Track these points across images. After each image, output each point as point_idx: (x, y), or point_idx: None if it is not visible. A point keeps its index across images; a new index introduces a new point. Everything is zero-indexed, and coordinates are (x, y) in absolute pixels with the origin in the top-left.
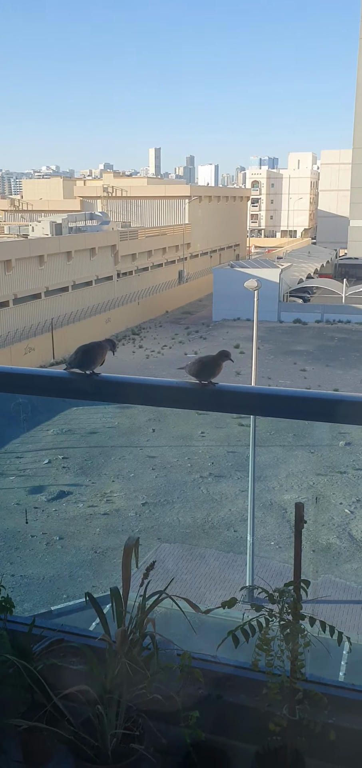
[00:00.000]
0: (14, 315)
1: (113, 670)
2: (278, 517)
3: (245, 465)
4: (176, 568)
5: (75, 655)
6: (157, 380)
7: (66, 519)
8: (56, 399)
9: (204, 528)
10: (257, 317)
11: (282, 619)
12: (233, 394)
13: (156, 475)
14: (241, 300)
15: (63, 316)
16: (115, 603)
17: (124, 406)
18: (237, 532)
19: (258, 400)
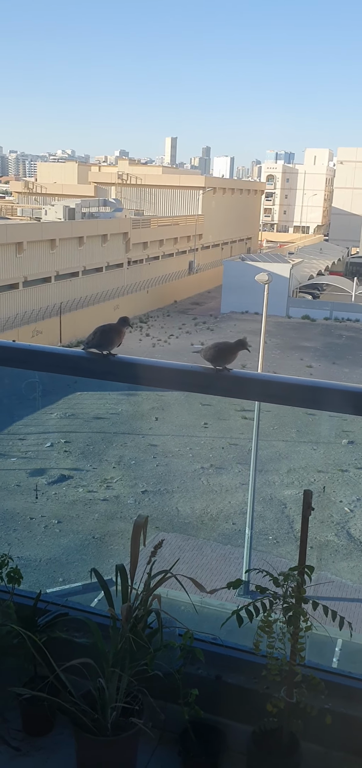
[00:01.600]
0: (23, 297)
1: (116, 645)
2: (277, 512)
3: (246, 458)
4: (173, 558)
5: (79, 629)
6: (172, 363)
7: (65, 503)
8: (68, 380)
9: (203, 519)
10: (266, 311)
11: (285, 602)
12: (249, 381)
13: (157, 463)
14: (250, 293)
15: (72, 301)
16: (121, 579)
17: (129, 393)
18: (235, 525)
19: (276, 388)
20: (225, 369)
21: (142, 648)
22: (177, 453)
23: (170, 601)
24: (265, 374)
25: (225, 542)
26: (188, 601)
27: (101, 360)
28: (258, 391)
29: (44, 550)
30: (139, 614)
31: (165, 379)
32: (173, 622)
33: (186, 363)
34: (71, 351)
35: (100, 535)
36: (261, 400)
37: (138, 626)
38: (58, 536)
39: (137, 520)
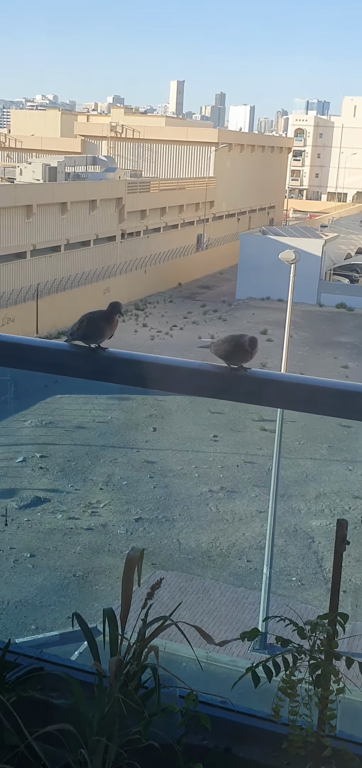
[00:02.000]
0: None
1: (103, 708)
2: (303, 547)
3: (265, 480)
4: (174, 602)
5: (57, 687)
6: (176, 360)
7: (40, 532)
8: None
9: (210, 555)
10: (292, 297)
11: (312, 658)
12: (272, 383)
13: (154, 484)
14: (273, 275)
15: (51, 282)
16: (109, 626)
17: (122, 397)
18: (250, 563)
19: (305, 392)
20: (242, 368)
21: (135, 712)
22: (179, 472)
23: (169, 655)
24: (291, 375)
25: (237, 584)
26: (191, 655)
27: (88, 355)
28: (284, 396)
29: (13, 591)
30: (132, 670)
31: (166, 380)
32: (173, 680)
33: (194, 360)
34: (50, 343)
35: (82, 573)
36: (286, 407)
37: (130, 685)
38: (30, 573)
39: (130, 554)
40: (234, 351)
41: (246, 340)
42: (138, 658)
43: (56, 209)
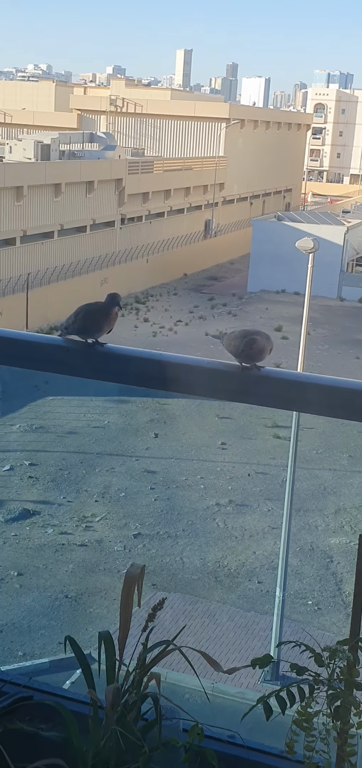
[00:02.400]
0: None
1: (98, 741)
2: (320, 567)
3: (279, 493)
4: (176, 626)
5: (47, 718)
6: (182, 357)
7: (29, 548)
8: (36, 379)
9: (217, 575)
10: (310, 291)
11: (331, 688)
12: (289, 383)
13: (155, 497)
14: (289, 266)
15: (43, 272)
16: (106, 651)
17: (119, 400)
18: (262, 585)
19: (325, 393)
20: (255, 367)
21: (134, 746)
22: (183, 483)
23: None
24: (309, 375)
25: (247, 608)
26: (196, 686)
27: (84, 351)
28: (301, 398)
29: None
30: (130, 700)
31: (170, 380)
32: (176, 712)
33: (201, 357)
34: (41, 337)
35: (75, 594)
36: (303, 410)
37: (128, 716)
38: (17, 594)
39: (130, 571)
40: (246, 348)
41: (260, 337)
42: (137, 687)
43: (49, 191)
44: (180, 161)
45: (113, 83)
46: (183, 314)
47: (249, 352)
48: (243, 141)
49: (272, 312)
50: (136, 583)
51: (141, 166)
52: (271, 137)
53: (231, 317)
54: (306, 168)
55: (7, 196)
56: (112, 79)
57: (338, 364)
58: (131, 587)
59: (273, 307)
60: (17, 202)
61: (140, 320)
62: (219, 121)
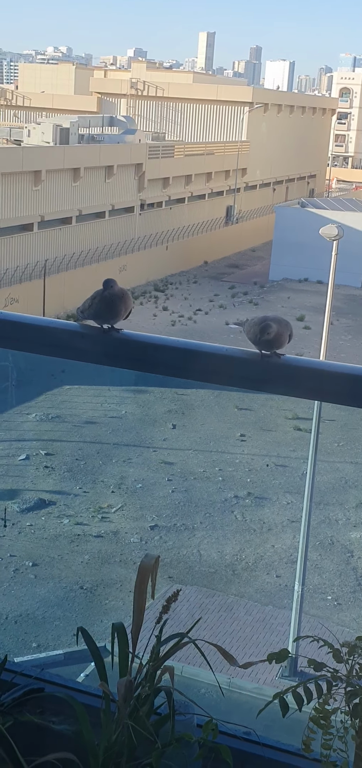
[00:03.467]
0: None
1: (110, 735)
2: (340, 562)
3: (299, 485)
4: (192, 620)
5: (58, 711)
6: (202, 344)
7: (44, 539)
8: (52, 368)
9: (234, 568)
10: (334, 279)
11: (349, 685)
12: (312, 372)
13: (173, 488)
14: (312, 254)
15: (61, 258)
16: (119, 643)
17: (136, 389)
18: (280, 579)
19: (349, 382)
20: (275, 354)
21: (146, 741)
22: (201, 475)
23: (187, 680)
24: (332, 363)
25: (265, 602)
26: (211, 681)
27: (99, 337)
28: (322, 387)
29: (13, 603)
30: (143, 693)
31: (188, 367)
32: (190, 707)
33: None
34: (56, 322)
35: (90, 585)
36: (323, 399)
37: (141, 710)
38: (32, 584)
39: (144, 561)
40: (263, 334)
41: (278, 323)
42: (151, 680)
43: (68, 176)
44: (201, 146)
45: (134, 66)
46: (203, 303)
47: (267, 339)
48: (267, 125)
49: (294, 301)
50: (150, 574)
51: (161, 151)
52: (295, 122)
53: (252, 306)
54: (330, 153)
55: (25, 181)
56: (132, 62)
57: (361, 355)
58: (145, 578)
59: (296, 296)
60: (35, 186)
61: (159, 309)
62: (242, 105)
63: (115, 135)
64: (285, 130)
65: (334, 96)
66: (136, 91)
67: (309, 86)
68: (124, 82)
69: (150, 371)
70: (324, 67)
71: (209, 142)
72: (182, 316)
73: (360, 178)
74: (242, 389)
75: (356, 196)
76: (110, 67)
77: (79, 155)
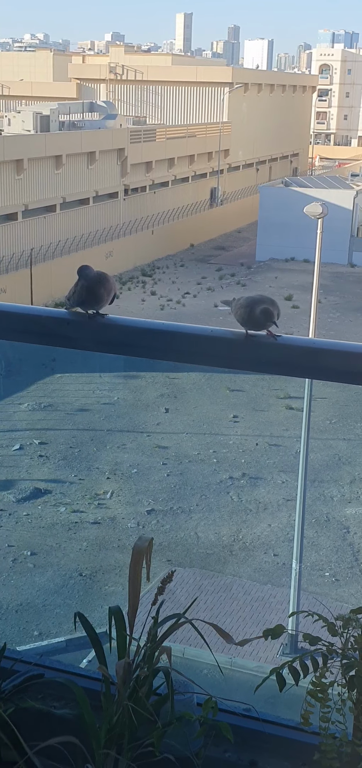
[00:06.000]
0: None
1: (111, 718)
2: (336, 538)
3: (293, 464)
4: (190, 601)
5: (59, 696)
6: (185, 326)
7: (41, 528)
8: (43, 358)
9: (232, 549)
10: (320, 258)
11: (345, 657)
12: (299, 349)
13: (168, 472)
14: (298, 233)
15: (47, 247)
16: (117, 627)
17: (128, 375)
18: (278, 557)
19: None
20: (270, 335)
21: (147, 721)
22: (195, 458)
23: (190, 661)
24: (321, 340)
25: (263, 581)
26: (213, 661)
27: (85, 323)
28: (312, 365)
29: (12, 593)
30: (142, 675)
31: (174, 350)
32: (189, 686)
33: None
34: (41, 310)
35: (89, 572)
36: (314, 377)
37: (140, 691)
38: (31, 573)
39: (138, 544)
40: (251, 316)
41: (264, 303)
42: (149, 661)
43: (50, 163)
44: (183, 128)
45: (112, 50)
46: (190, 286)
47: (253, 318)
48: (248, 105)
49: (282, 281)
50: (145, 555)
51: (143, 135)
52: (276, 101)
53: (240, 287)
54: (312, 131)
55: (8, 170)
56: (110, 47)
57: (350, 332)
58: (139, 560)
59: (283, 275)
60: (17, 175)
61: (147, 293)
62: (222, 85)
63: (95, 121)
64: (266, 110)
65: (314, 73)
66: (115, 75)
67: (288, 64)
68: (103, 67)
69: (136, 355)
70: (303, 44)
71: (190, 125)
72: (170, 300)
73: (342, 155)
74: (234, 371)
75: (339, 173)
76: (88, 52)
77: (61, 142)
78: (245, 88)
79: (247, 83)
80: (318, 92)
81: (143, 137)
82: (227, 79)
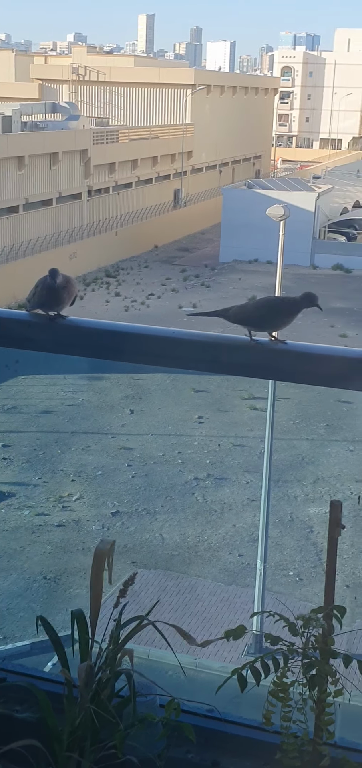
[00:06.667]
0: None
1: (73, 720)
2: (300, 538)
3: (257, 464)
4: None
5: (21, 700)
6: (143, 327)
7: (5, 531)
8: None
9: (197, 550)
10: (282, 259)
11: (306, 657)
12: (311, 357)
13: (133, 473)
14: (261, 234)
15: (9, 248)
16: (79, 630)
17: (92, 377)
18: (242, 557)
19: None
20: (274, 339)
21: (109, 724)
22: (161, 459)
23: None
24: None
25: (228, 581)
26: (177, 662)
27: (46, 325)
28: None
29: None
30: (104, 677)
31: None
32: (152, 687)
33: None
34: (2, 312)
35: (54, 575)
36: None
37: (102, 694)
38: None
39: (99, 547)
40: (267, 316)
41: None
42: (111, 664)
43: (12, 164)
44: (146, 130)
45: (74, 51)
46: (155, 287)
47: None
48: (210, 107)
49: (245, 282)
50: (106, 558)
51: (106, 136)
52: (238, 103)
53: (204, 289)
54: (275, 133)
55: None
56: (73, 47)
57: (312, 332)
58: (101, 563)
59: (246, 277)
60: None
61: (111, 294)
62: (185, 87)
63: (58, 122)
64: (229, 112)
65: (276, 75)
66: (78, 76)
67: (250, 66)
68: (65, 67)
69: (97, 356)
70: (264, 47)
71: (153, 126)
72: (135, 301)
73: (304, 158)
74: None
75: (301, 175)
76: (50, 53)
77: (23, 143)
78: (208, 90)
79: (210, 85)
80: (280, 94)
81: (106, 138)
82: (189, 80)
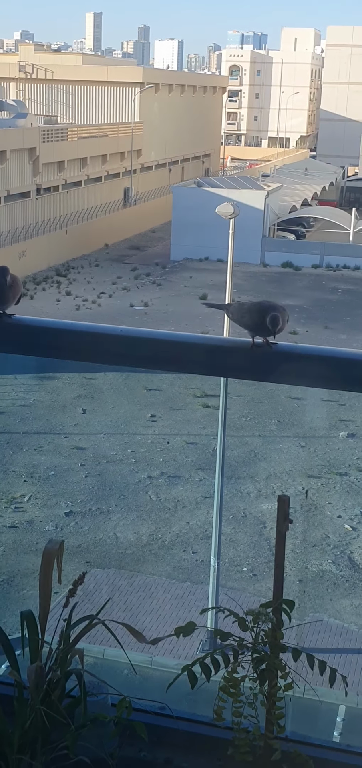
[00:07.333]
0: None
1: (24, 722)
2: (253, 533)
3: (210, 462)
4: (110, 603)
5: None
6: (89, 326)
7: None
8: None
9: (151, 548)
10: (232, 257)
11: (255, 651)
12: (305, 358)
13: (86, 473)
14: (210, 232)
15: None
16: (29, 631)
17: (43, 376)
18: (196, 554)
19: None
20: (267, 343)
21: (60, 725)
22: (114, 458)
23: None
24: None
25: (182, 578)
26: (135, 661)
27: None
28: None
29: None
30: (55, 678)
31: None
32: (102, 687)
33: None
34: None
35: (6, 576)
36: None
37: (53, 695)
38: None
39: (48, 547)
40: (262, 320)
41: (278, 312)
42: (61, 664)
43: None
44: (95, 128)
45: (21, 49)
46: (106, 286)
47: (271, 328)
48: (159, 106)
49: (196, 280)
50: (55, 558)
51: (55, 134)
52: (187, 101)
53: (155, 287)
54: (223, 132)
55: None
56: (20, 45)
57: None
58: (49, 563)
59: (197, 275)
60: None
61: (62, 293)
62: (133, 85)
63: (5, 119)
64: (178, 110)
65: (224, 74)
66: (25, 74)
67: (198, 65)
68: (12, 65)
69: (44, 356)
70: (212, 45)
71: (102, 124)
72: (86, 300)
73: (253, 156)
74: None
75: (250, 173)
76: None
77: None
78: (156, 88)
79: (158, 83)
80: (228, 93)
81: (55, 136)
82: (138, 79)
